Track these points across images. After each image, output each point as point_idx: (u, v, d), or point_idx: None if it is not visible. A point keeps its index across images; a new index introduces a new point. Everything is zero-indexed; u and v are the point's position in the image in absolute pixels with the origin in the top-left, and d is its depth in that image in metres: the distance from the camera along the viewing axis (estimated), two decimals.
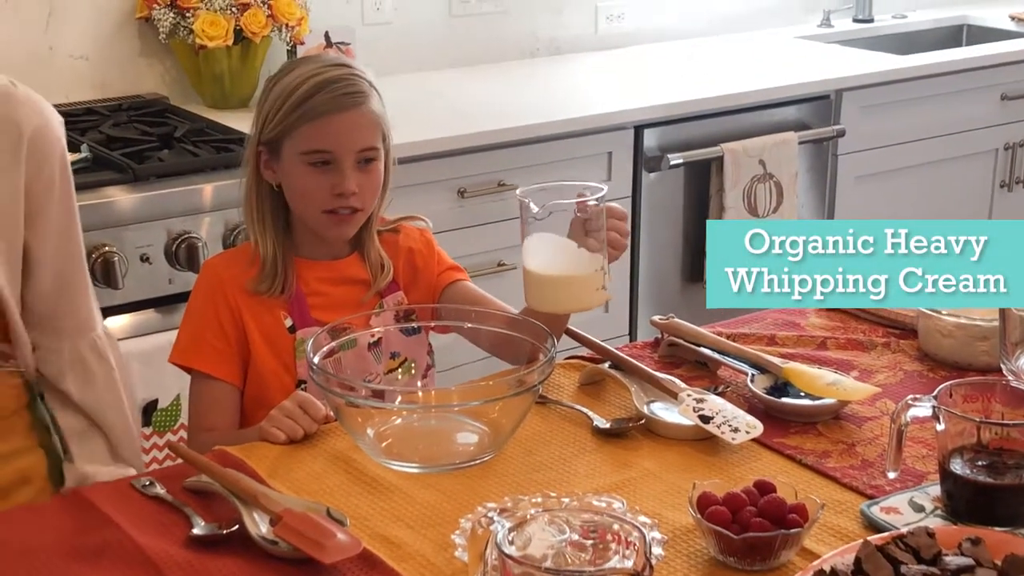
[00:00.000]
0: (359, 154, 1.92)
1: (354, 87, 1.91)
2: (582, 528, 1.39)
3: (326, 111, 1.88)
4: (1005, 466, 1.52)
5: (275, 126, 1.91)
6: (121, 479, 1.65)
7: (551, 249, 1.77)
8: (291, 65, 1.97)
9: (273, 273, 1.93)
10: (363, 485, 1.64)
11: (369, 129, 1.92)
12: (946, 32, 4.52)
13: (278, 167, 1.93)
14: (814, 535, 1.50)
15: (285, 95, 1.90)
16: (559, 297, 1.79)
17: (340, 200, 1.91)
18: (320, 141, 1.89)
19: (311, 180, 1.91)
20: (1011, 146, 4.02)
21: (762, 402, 1.82)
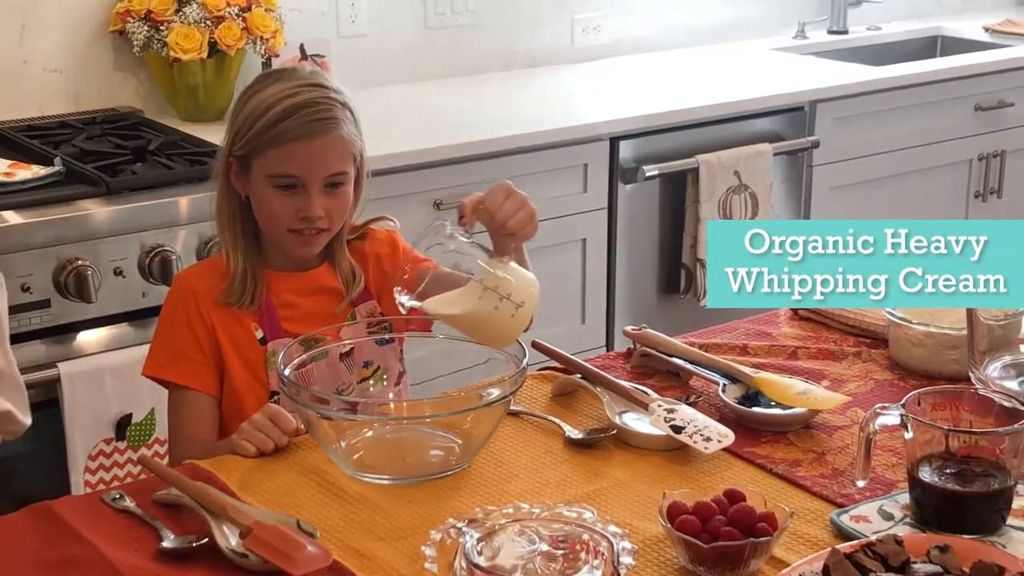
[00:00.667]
0: (327, 178, 1.92)
1: (326, 112, 1.90)
2: (552, 538, 1.39)
3: (295, 137, 1.88)
4: (973, 474, 1.52)
5: (245, 144, 1.91)
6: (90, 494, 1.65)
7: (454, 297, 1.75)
8: (266, 80, 1.96)
9: (243, 285, 1.93)
10: (334, 497, 1.64)
11: (338, 155, 1.92)
12: (920, 44, 4.54)
13: (247, 181, 1.94)
14: (784, 544, 1.50)
15: (257, 114, 1.90)
16: (485, 339, 1.74)
17: (305, 223, 1.92)
18: (288, 166, 1.89)
19: (277, 202, 1.91)
20: (985, 156, 4.04)
21: (733, 412, 1.83)
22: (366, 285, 2.02)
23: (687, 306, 3.47)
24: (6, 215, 2.52)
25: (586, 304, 3.36)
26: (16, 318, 2.52)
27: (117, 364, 2.56)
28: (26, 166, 2.71)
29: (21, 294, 2.52)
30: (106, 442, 2.59)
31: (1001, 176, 4.09)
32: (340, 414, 1.68)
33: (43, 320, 2.56)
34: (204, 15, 3.07)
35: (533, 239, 3.15)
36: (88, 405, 2.55)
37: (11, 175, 2.65)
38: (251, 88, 1.96)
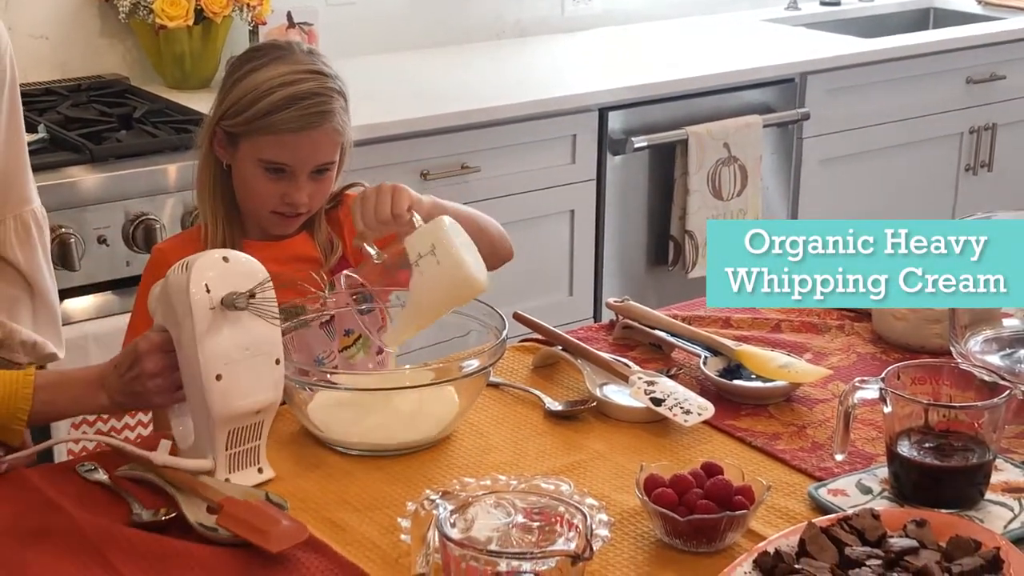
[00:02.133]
0: (315, 166, 1.92)
1: (324, 105, 1.90)
2: (527, 510, 1.39)
3: (291, 129, 1.88)
4: (952, 448, 1.52)
5: (237, 124, 1.90)
6: (64, 463, 1.64)
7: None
8: (263, 57, 1.93)
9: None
10: (311, 469, 1.63)
11: (330, 146, 1.93)
12: (913, 16, 4.53)
13: (233, 154, 1.93)
14: (762, 517, 1.50)
15: (253, 98, 1.89)
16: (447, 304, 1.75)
17: (289, 207, 1.93)
18: (279, 155, 1.90)
19: (263, 185, 1.92)
20: (976, 130, 4.03)
21: (714, 384, 1.82)
22: (344, 253, 2.01)
23: (675, 278, 3.47)
24: None
25: (574, 276, 3.36)
26: None
27: (101, 332, 2.55)
28: None
29: None
30: None
31: (992, 149, 4.08)
32: (319, 384, 1.68)
33: None
34: None
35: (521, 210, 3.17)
36: None
37: None
38: (246, 63, 1.93)
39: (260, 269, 1.60)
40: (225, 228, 1.95)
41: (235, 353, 1.56)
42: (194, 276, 1.55)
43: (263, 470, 1.61)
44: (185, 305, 1.54)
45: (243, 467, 1.59)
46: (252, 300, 1.56)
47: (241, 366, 1.57)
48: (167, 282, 1.57)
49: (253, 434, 1.60)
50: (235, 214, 1.98)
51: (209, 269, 1.57)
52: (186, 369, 1.57)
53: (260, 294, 1.57)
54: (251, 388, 1.58)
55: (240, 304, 1.55)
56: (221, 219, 1.95)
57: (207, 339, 1.54)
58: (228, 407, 1.56)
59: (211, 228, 1.95)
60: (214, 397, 1.55)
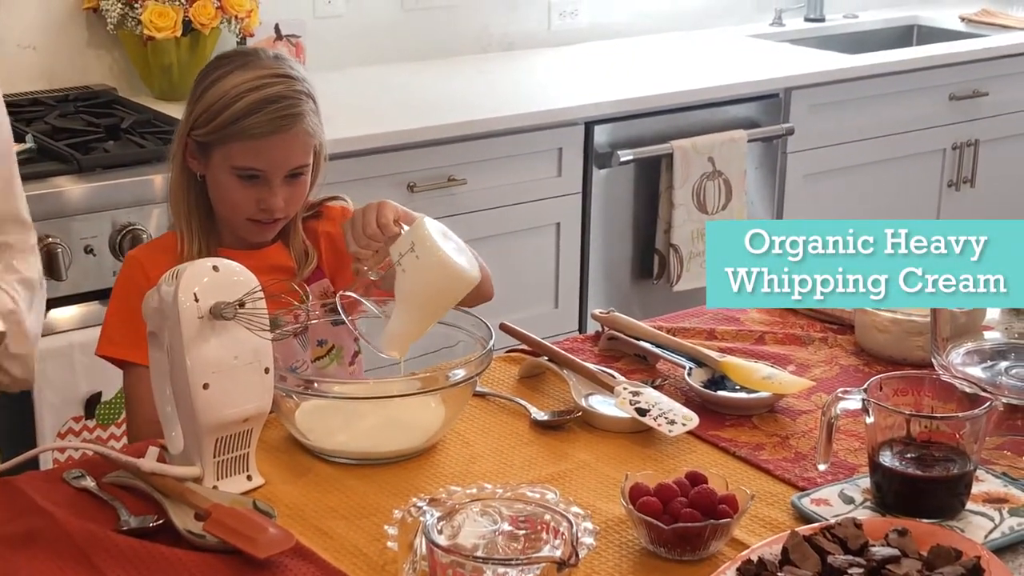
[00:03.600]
0: (289, 171, 1.93)
1: (293, 108, 1.91)
2: (513, 518, 1.40)
3: (262, 133, 1.89)
4: (933, 459, 1.54)
5: (207, 133, 1.91)
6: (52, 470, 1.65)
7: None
8: (228, 65, 1.94)
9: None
10: (298, 476, 1.64)
11: (301, 149, 1.93)
12: (897, 32, 4.56)
13: (205, 164, 1.94)
14: (745, 526, 1.52)
15: (222, 104, 1.89)
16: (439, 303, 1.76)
17: (265, 214, 1.94)
18: (253, 160, 1.90)
19: (238, 192, 1.92)
20: (959, 146, 4.06)
21: (699, 395, 1.84)
22: (319, 263, 2.02)
23: (660, 291, 3.49)
24: None
25: (559, 288, 3.37)
26: None
27: (87, 342, 2.55)
28: None
29: None
30: (75, 420, 2.58)
31: (975, 166, 4.11)
32: (305, 392, 1.69)
33: None
34: None
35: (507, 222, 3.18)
36: (57, 383, 2.54)
37: None
38: (212, 72, 1.94)
39: (250, 278, 1.61)
40: (200, 238, 1.95)
41: (224, 362, 1.57)
42: (183, 285, 1.56)
43: (252, 477, 1.61)
44: (174, 313, 1.55)
45: (231, 474, 1.60)
46: (241, 309, 1.57)
47: (230, 375, 1.58)
48: (158, 290, 1.58)
49: (241, 442, 1.60)
50: (210, 223, 1.98)
51: (199, 278, 1.58)
52: (175, 377, 1.58)
53: (250, 303, 1.58)
54: (239, 397, 1.59)
55: (228, 314, 1.56)
56: (196, 229, 1.95)
57: (194, 348, 1.55)
58: (215, 415, 1.57)
59: (186, 238, 1.95)
60: (201, 405, 1.56)
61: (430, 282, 1.72)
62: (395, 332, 1.74)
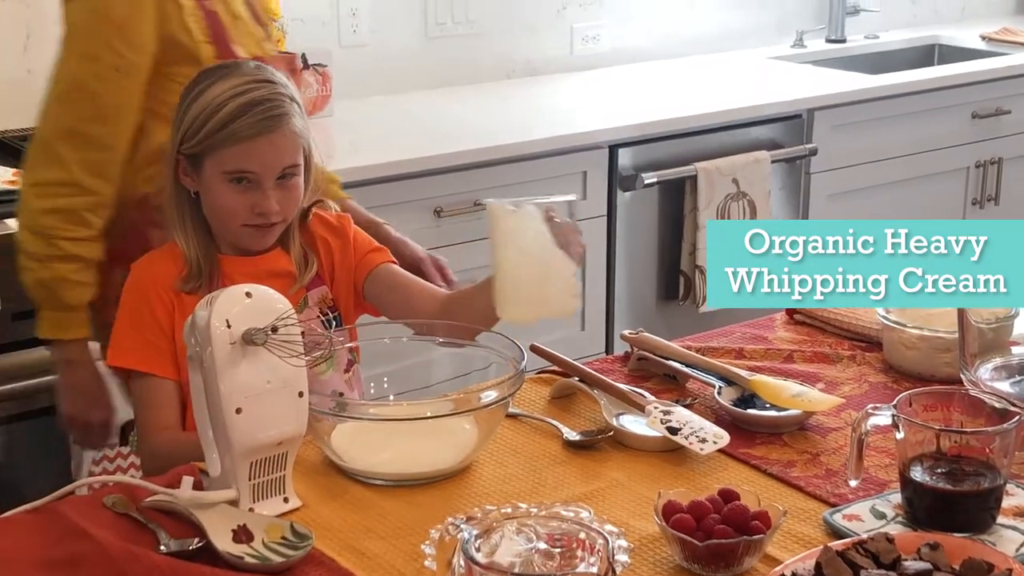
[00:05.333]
0: (280, 172, 1.95)
1: (277, 109, 1.93)
2: (549, 536, 1.42)
3: (249, 136, 1.90)
4: (964, 473, 1.54)
5: (196, 144, 1.92)
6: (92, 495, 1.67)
7: (528, 246, 1.78)
8: (211, 76, 1.96)
9: (199, 272, 1.95)
10: (334, 498, 1.66)
11: (291, 148, 1.95)
12: (918, 52, 4.57)
13: (198, 178, 1.95)
14: (777, 542, 1.53)
15: (208, 113, 1.91)
16: (535, 298, 1.78)
17: (261, 218, 1.95)
18: (242, 163, 1.92)
19: (231, 198, 1.94)
20: (982, 164, 4.07)
21: (729, 414, 1.85)
22: (318, 270, 2.04)
23: (685, 312, 3.50)
24: (10, 223, 2.55)
25: (586, 311, 3.39)
26: (21, 324, 2.54)
27: None
28: None
29: (27, 301, 2.54)
30: (110, 446, 2.61)
31: (998, 183, 4.12)
32: (342, 413, 1.71)
33: None
34: None
35: None
36: None
37: (15, 183, 2.67)
38: (195, 87, 1.96)
39: (282, 303, 1.63)
40: (199, 251, 1.97)
41: (257, 386, 1.59)
42: (216, 311, 1.58)
43: (289, 499, 1.63)
44: (207, 339, 1.58)
45: (267, 496, 1.62)
46: (272, 335, 1.59)
47: (263, 399, 1.60)
48: (194, 316, 1.61)
49: (277, 465, 1.63)
50: (207, 234, 1.99)
51: (232, 305, 1.60)
52: (210, 401, 1.60)
53: (282, 328, 1.60)
54: (273, 420, 1.61)
55: (259, 340, 1.59)
56: (193, 238, 1.97)
57: (227, 373, 1.58)
58: (249, 439, 1.59)
59: (185, 247, 1.97)
60: (234, 430, 1.58)
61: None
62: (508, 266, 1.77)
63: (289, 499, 1.64)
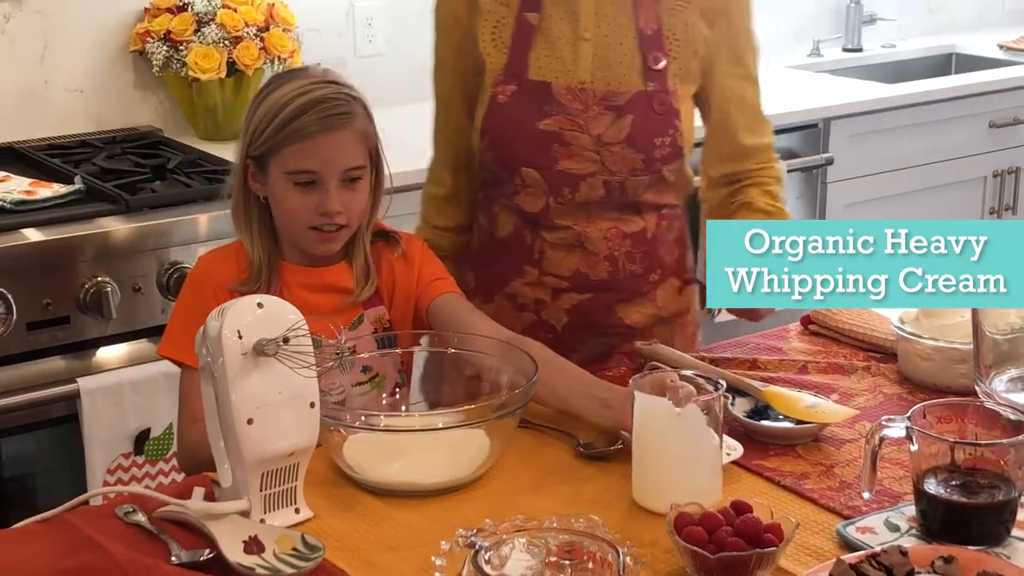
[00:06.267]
0: (344, 173, 1.93)
1: (342, 107, 1.92)
2: (559, 548, 1.41)
3: (312, 132, 1.89)
4: (978, 486, 1.54)
5: (262, 144, 1.92)
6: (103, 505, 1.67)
7: (679, 446, 1.64)
8: (279, 80, 1.97)
9: (258, 275, 1.95)
10: (346, 509, 1.66)
11: (355, 148, 1.94)
12: (935, 61, 4.56)
13: (265, 182, 1.95)
14: (791, 555, 1.52)
15: (272, 113, 1.91)
16: (679, 492, 1.58)
17: (325, 218, 1.93)
18: (305, 162, 1.91)
19: (296, 199, 1.93)
20: (1000, 173, 4.05)
21: (742, 425, 1.84)
22: (379, 290, 2.03)
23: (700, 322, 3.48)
24: (27, 233, 2.56)
25: None
26: (36, 334, 2.56)
27: (136, 379, 2.59)
28: (47, 184, 2.75)
29: (41, 310, 2.56)
30: (124, 456, 2.62)
31: (1016, 193, 4.10)
32: (353, 424, 1.71)
33: (63, 336, 2.59)
34: (223, 35, 3.12)
35: None
36: (107, 420, 2.58)
37: (32, 193, 2.69)
38: (264, 89, 1.97)
39: (294, 314, 1.63)
40: (263, 252, 1.96)
41: (267, 397, 1.59)
42: (227, 322, 1.58)
43: (300, 510, 1.63)
44: (218, 350, 1.58)
45: (279, 507, 1.62)
46: (284, 345, 1.59)
47: (274, 410, 1.60)
48: (205, 327, 1.61)
49: (288, 476, 1.63)
50: (273, 240, 1.99)
51: (243, 316, 1.60)
52: (221, 412, 1.60)
53: (293, 339, 1.60)
54: (284, 431, 1.61)
55: (270, 350, 1.59)
56: (258, 243, 1.96)
57: (239, 384, 1.58)
58: (260, 450, 1.59)
59: (249, 250, 1.96)
60: (245, 440, 1.58)
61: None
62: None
63: (300, 510, 1.64)
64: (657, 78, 2.07)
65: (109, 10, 3.21)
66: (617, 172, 2.07)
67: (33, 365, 2.57)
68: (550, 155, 2.08)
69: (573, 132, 2.06)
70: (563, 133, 2.07)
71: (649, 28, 2.07)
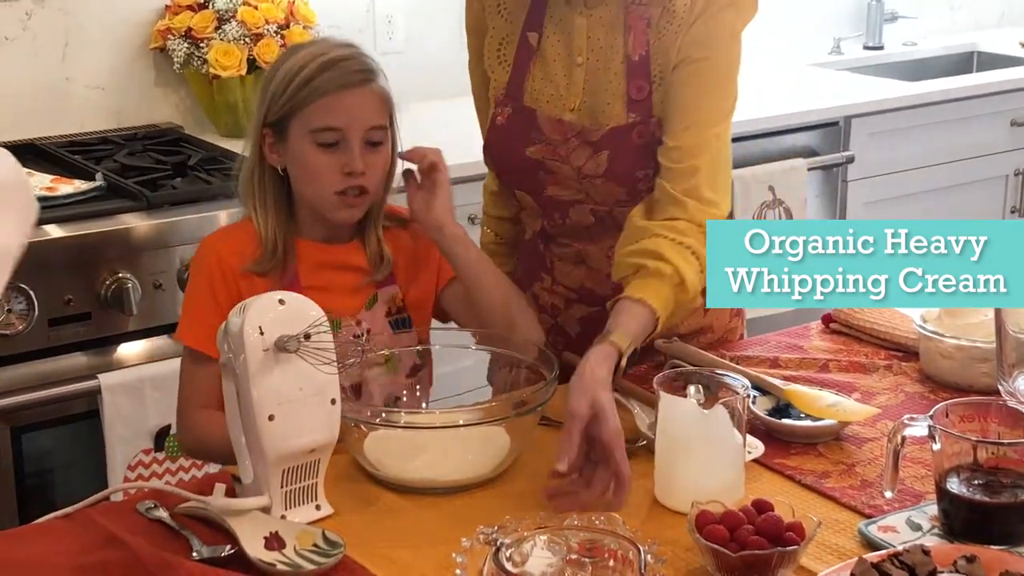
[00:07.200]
0: (367, 133, 1.91)
1: (362, 65, 1.92)
2: (580, 546, 1.41)
3: (335, 88, 1.89)
4: (1001, 485, 1.53)
5: (282, 105, 1.91)
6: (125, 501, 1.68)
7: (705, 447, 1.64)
8: (294, 49, 1.98)
9: (273, 253, 1.93)
10: (366, 505, 1.66)
11: (377, 107, 1.93)
12: (956, 59, 4.54)
13: (284, 149, 1.93)
14: (812, 553, 1.51)
15: (292, 75, 1.90)
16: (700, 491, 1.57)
17: (350, 179, 1.91)
18: (329, 118, 1.89)
19: (320, 159, 1.90)
20: (1021, 172, 4.03)
21: (763, 423, 1.84)
22: (393, 271, 2.01)
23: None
24: (49, 229, 2.57)
25: None
26: (58, 330, 2.57)
27: (156, 375, 2.59)
28: (68, 181, 2.76)
29: (63, 307, 2.56)
30: (145, 452, 2.62)
31: None
32: (373, 420, 1.71)
33: (84, 332, 2.60)
34: (243, 32, 3.12)
35: None
36: (128, 416, 2.58)
37: (53, 190, 2.70)
38: (280, 58, 1.97)
39: (315, 311, 1.63)
40: (277, 227, 1.95)
41: (289, 393, 1.60)
42: (249, 318, 1.58)
43: (320, 507, 1.64)
44: (240, 346, 1.58)
45: (299, 504, 1.62)
46: (305, 342, 1.59)
47: (296, 406, 1.60)
48: (227, 323, 1.61)
49: (309, 472, 1.63)
50: (287, 213, 1.97)
51: (265, 312, 1.60)
52: (243, 408, 1.60)
53: (314, 335, 1.60)
54: (305, 428, 1.61)
55: (291, 347, 1.59)
56: (272, 219, 1.94)
57: (260, 380, 1.58)
58: (281, 446, 1.59)
59: (262, 227, 1.94)
60: (267, 437, 1.58)
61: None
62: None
63: (321, 506, 1.64)
64: (640, 108, 1.99)
65: (130, 7, 3.22)
66: (602, 202, 2.03)
67: (54, 361, 2.58)
68: (538, 181, 2.06)
69: (556, 162, 2.03)
70: (546, 162, 2.03)
71: (637, 53, 1.98)
